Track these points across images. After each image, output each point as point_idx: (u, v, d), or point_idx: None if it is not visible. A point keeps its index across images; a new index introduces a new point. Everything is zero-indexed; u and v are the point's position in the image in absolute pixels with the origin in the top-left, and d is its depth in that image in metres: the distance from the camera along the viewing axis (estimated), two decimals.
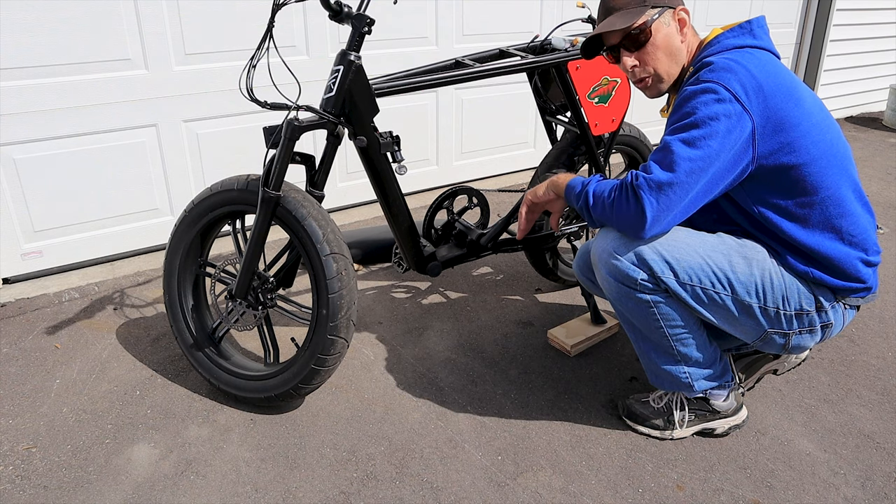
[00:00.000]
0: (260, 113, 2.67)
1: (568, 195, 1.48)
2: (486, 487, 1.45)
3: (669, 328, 1.46)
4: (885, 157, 4.14)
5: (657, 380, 1.56)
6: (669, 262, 1.38)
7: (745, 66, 1.30)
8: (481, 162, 3.47)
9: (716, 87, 1.28)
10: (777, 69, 1.33)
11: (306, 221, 1.52)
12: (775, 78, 1.31)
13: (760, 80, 1.29)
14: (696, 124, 1.28)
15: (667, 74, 1.44)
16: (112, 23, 2.25)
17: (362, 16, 1.53)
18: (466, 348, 1.98)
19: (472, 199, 2.10)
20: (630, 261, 1.39)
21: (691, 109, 1.30)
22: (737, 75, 1.29)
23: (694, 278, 1.38)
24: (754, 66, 1.31)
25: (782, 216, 1.38)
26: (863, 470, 1.50)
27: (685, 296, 1.40)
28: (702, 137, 1.28)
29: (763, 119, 1.29)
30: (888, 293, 2.34)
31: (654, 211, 1.31)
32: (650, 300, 1.42)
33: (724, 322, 1.45)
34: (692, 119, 1.29)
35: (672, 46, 1.42)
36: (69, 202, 2.36)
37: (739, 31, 1.40)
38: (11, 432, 1.60)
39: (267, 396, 1.64)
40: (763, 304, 1.41)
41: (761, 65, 1.32)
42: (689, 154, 1.28)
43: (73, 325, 2.07)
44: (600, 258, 1.44)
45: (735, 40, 1.38)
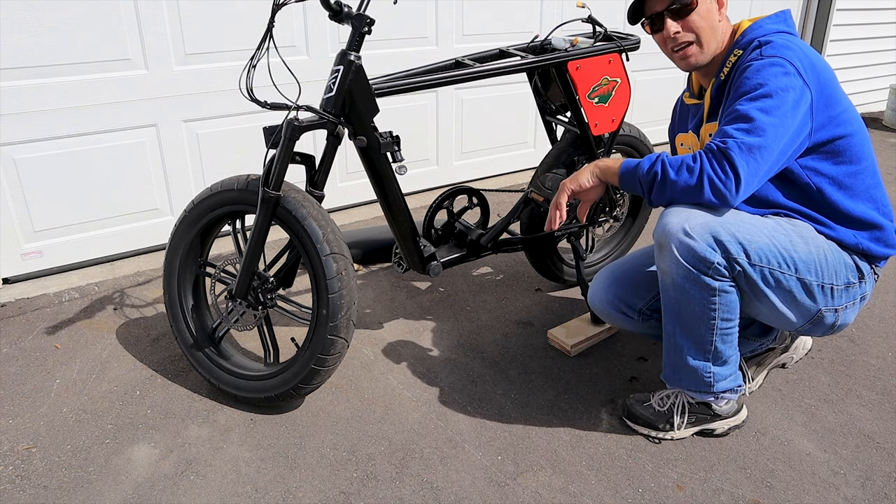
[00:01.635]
0: (260, 113, 2.67)
1: (629, 175, 1.46)
2: (486, 487, 1.45)
3: (722, 320, 1.44)
4: (886, 157, 4.14)
5: (676, 376, 1.55)
6: (742, 244, 1.37)
7: (800, 47, 1.41)
8: (481, 162, 3.47)
9: (782, 62, 1.37)
10: (817, 54, 1.44)
11: (306, 221, 1.52)
12: (819, 60, 1.42)
13: (813, 59, 1.40)
14: (769, 94, 1.34)
15: (707, 44, 1.51)
16: (112, 23, 2.25)
17: (362, 16, 1.53)
18: (466, 348, 1.98)
19: (472, 199, 2.10)
20: (707, 242, 1.36)
21: (763, 80, 1.36)
22: (795, 53, 1.38)
23: (763, 259, 1.39)
24: (805, 47, 1.42)
25: (834, 186, 1.47)
26: (863, 470, 1.50)
27: (756, 278, 1.39)
28: (776, 107, 1.34)
29: (818, 94, 1.39)
30: (888, 293, 2.34)
31: (747, 173, 1.33)
32: (717, 287, 1.40)
33: (785, 304, 1.45)
34: (765, 90, 1.35)
35: (713, 21, 1.51)
36: (69, 202, 2.36)
37: (776, 19, 1.50)
38: (11, 432, 1.60)
39: (267, 396, 1.64)
40: (821, 281, 1.45)
41: (808, 48, 1.43)
42: (769, 121, 1.33)
43: (73, 325, 2.07)
44: (672, 237, 1.38)
45: (775, 26, 1.49)
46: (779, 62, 1.37)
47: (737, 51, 1.50)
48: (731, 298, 1.42)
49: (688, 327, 1.47)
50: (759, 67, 1.38)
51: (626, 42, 2.02)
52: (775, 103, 1.34)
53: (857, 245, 1.49)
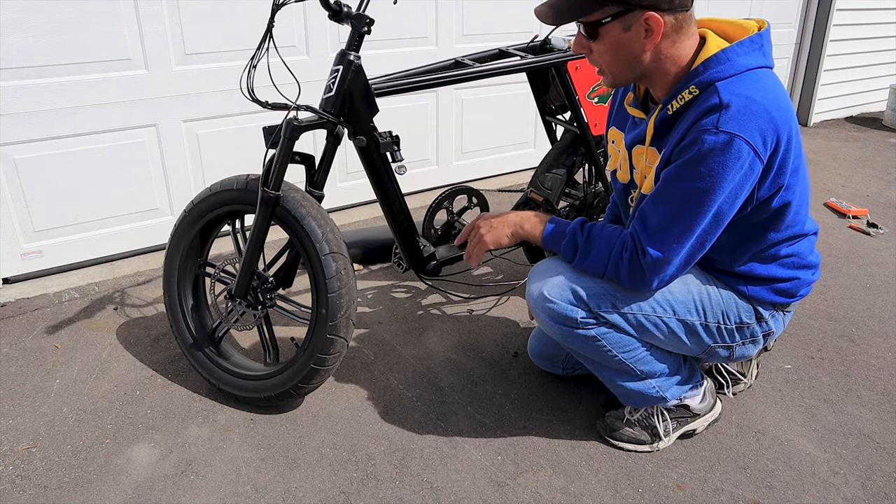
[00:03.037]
0: (260, 113, 2.67)
1: (548, 245, 1.42)
2: (486, 487, 1.45)
3: (624, 353, 1.43)
4: (885, 157, 4.14)
5: (629, 400, 1.55)
6: (605, 296, 1.37)
7: (765, 107, 1.18)
8: (481, 162, 3.46)
9: (739, 145, 1.17)
10: (787, 99, 1.24)
11: (305, 221, 1.52)
12: (787, 114, 1.22)
13: (778, 122, 1.19)
14: (707, 190, 1.20)
15: (613, 75, 1.29)
16: (112, 23, 2.24)
17: (362, 16, 1.53)
18: (466, 348, 1.98)
19: (471, 199, 2.10)
20: (567, 301, 1.37)
21: (707, 170, 1.19)
22: (757, 122, 1.17)
23: (633, 306, 1.37)
24: (771, 102, 1.19)
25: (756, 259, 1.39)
26: (863, 470, 1.50)
27: (626, 326, 1.39)
28: (715, 199, 1.21)
29: (771, 164, 1.23)
30: (888, 293, 2.34)
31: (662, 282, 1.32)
32: (595, 334, 1.39)
33: (670, 343, 1.44)
34: (705, 184, 1.20)
35: (625, 54, 1.24)
36: (69, 202, 2.36)
37: (750, 45, 1.23)
38: (11, 432, 1.60)
39: (267, 396, 1.64)
40: (704, 321, 1.41)
41: (776, 98, 1.20)
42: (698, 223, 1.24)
43: (73, 325, 2.07)
44: (536, 304, 1.40)
45: (746, 59, 1.23)
46: (736, 145, 1.16)
47: (693, 88, 1.24)
48: (615, 337, 1.40)
49: (602, 364, 1.48)
50: (707, 151, 1.18)
51: None
52: (716, 196, 1.20)
53: (744, 292, 1.42)
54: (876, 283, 2.41)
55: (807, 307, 2.23)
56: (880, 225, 2.96)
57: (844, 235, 2.87)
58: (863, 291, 2.35)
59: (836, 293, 2.33)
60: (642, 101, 1.42)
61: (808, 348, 1.98)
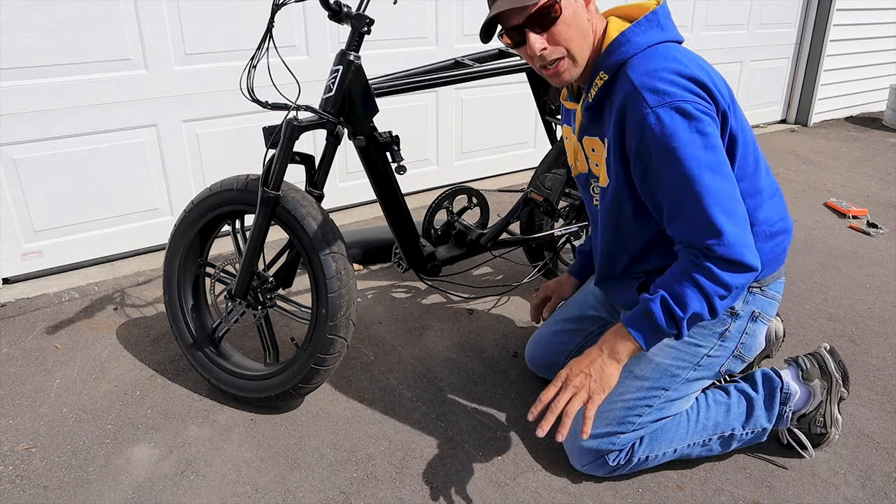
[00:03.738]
0: (260, 113, 2.67)
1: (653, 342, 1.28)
2: (486, 487, 1.45)
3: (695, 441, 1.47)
4: (885, 157, 4.14)
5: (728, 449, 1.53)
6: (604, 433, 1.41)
7: (673, 68, 1.19)
8: (481, 162, 3.46)
9: (680, 108, 1.16)
10: (690, 56, 1.24)
11: (305, 221, 1.52)
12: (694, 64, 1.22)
13: (690, 72, 1.19)
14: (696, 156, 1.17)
15: (580, 56, 1.26)
16: (112, 23, 2.25)
17: (362, 16, 1.53)
18: (466, 348, 1.98)
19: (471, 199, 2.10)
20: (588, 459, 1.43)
21: (679, 145, 1.16)
22: (674, 82, 1.17)
23: (631, 416, 1.40)
24: (674, 62, 1.20)
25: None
26: (863, 470, 1.50)
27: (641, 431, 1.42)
28: (707, 159, 1.18)
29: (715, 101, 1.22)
30: (888, 293, 2.34)
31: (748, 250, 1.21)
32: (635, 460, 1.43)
33: (684, 393, 1.45)
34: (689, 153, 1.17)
35: (582, 25, 1.25)
36: (69, 202, 2.36)
37: (647, 24, 1.25)
38: (11, 432, 1.60)
39: (267, 396, 1.64)
40: (695, 364, 1.42)
41: (679, 58, 1.21)
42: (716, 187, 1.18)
43: (73, 325, 2.07)
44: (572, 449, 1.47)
45: (644, 37, 1.24)
46: (677, 112, 1.16)
47: (602, 74, 1.26)
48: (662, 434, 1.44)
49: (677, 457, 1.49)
50: (662, 134, 1.16)
51: None
52: (704, 161, 1.17)
53: None
54: (876, 283, 2.41)
55: (807, 307, 2.23)
56: (880, 225, 2.96)
57: (844, 235, 2.87)
58: (863, 291, 2.35)
59: (836, 293, 2.33)
60: (576, 94, 1.45)
61: (807, 348, 1.98)
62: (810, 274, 2.48)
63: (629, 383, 1.41)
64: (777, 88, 4.88)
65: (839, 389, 1.54)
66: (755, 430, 1.49)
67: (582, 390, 1.26)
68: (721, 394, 1.51)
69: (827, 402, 1.52)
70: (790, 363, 1.58)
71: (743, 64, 4.52)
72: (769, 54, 4.65)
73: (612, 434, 1.40)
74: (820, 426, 1.52)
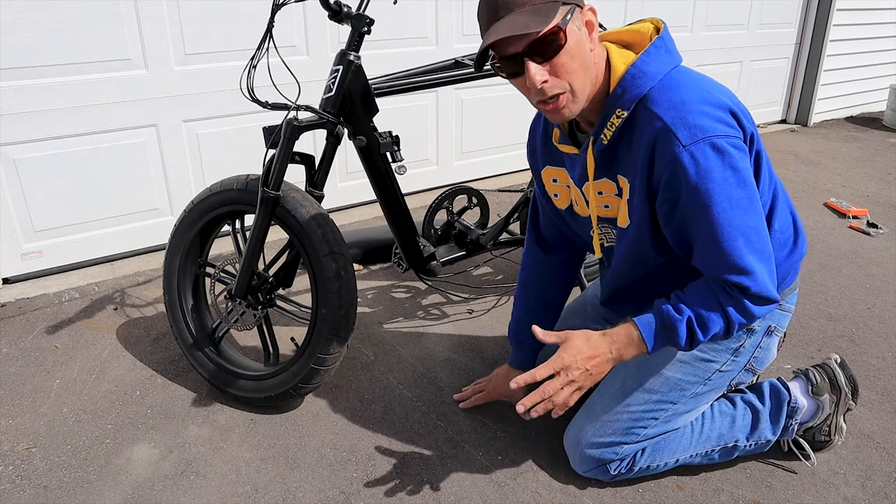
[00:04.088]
0: (260, 113, 2.67)
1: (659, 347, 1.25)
2: (486, 487, 1.45)
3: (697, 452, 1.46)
4: (886, 157, 4.14)
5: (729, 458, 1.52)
6: (607, 442, 1.40)
7: (701, 98, 1.13)
8: (481, 162, 3.46)
9: (714, 143, 1.10)
10: (705, 80, 1.19)
11: (305, 221, 1.52)
12: (714, 90, 1.17)
13: (717, 100, 1.14)
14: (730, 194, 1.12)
15: (582, 91, 1.15)
16: (112, 23, 2.25)
17: (362, 16, 1.54)
18: (466, 348, 1.98)
19: (471, 199, 2.10)
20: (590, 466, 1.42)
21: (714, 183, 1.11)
22: (704, 113, 1.11)
23: (637, 428, 1.39)
24: (699, 90, 1.14)
25: None
26: (863, 470, 1.50)
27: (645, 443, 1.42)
28: (750, 198, 1.14)
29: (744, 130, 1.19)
30: (888, 293, 2.34)
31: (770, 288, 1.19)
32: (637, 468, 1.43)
33: (693, 405, 1.43)
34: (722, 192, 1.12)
35: (585, 56, 1.14)
36: (69, 202, 2.36)
37: (656, 52, 1.17)
38: (11, 432, 1.60)
39: (267, 396, 1.64)
40: (703, 379, 1.40)
41: (698, 85, 1.15)
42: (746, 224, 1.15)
43: (73, 325, 2.07)
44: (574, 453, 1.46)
45: (657, 66, 1.16)
46: (710, 149, 1.10)
47: (619, 112, 1.17)
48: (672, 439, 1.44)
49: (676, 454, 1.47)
50: (697, 171, 1.11)
51: None
52: (745, 194, 1.14)
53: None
54: (876, 283, 2.41)
55: (807, 307, 2.23)
56: (880, 225, 2.96)
57: (844, 235, 2.87)
58: (863, 291, 2.35)
59: (836, 293, 2.33)
60: (570, 135, 1.33)
61: (808, 348, 1.98)
62: (810, 274, 2.48)
63: (637, 395, 1.39)
64: (777, 88, 4.88)
65: (847, 402, 1.53)
66: (759, 442, 1.48)
67: (576, 384, 1.23)
68: (727, 404, 1.49)
69: (834, 415, 1.51)
70: (799, 375, 1.56)
71: (743, 64, 4.52)
72: (769, 54, 4.65)
73: (615, 444, 1.39)
74: (825, 435, 1.51)
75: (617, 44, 1.24)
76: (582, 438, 1.42)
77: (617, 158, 1.24)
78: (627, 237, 1.30)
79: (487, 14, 1.11)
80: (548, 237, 1.59)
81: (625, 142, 1.21)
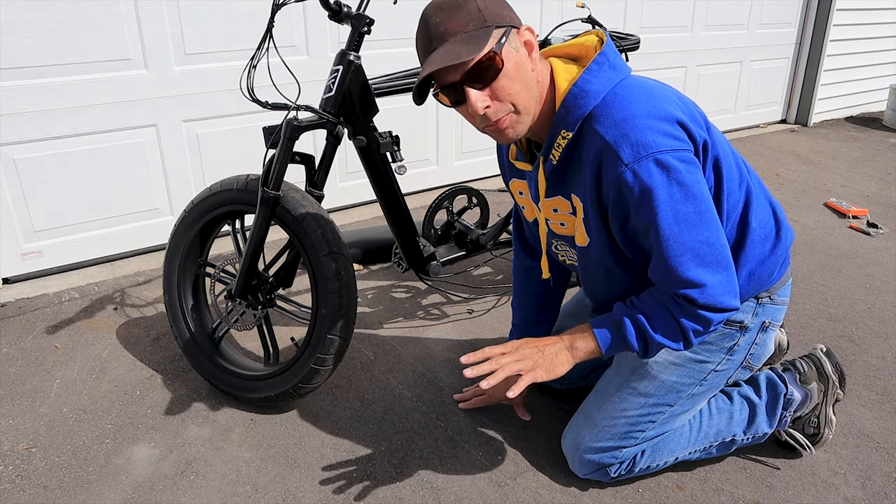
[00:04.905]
0: (260, 113, 2.67)
1: (614, 350, 1.25)
2: (486, 487, 1.45)
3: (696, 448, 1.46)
4: (886, 157, 4.14)
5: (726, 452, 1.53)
6: (606, 447, 1.40)
7: (645, 111, 1.11)
8: (481, 162, 3.47)
9: (659, 159, 1.08)
10: (653, 86, 1.17)
11: (305, 221, 1.52)
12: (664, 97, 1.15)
13: (664, 109, 1.12)
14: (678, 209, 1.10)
15: (526, 110, 1.15)
16: (112, 23, 2.25)
17: (362, 16, 1.54)
18: (466, 348, 1.98)
19: (471, 199, 2.10)
20: (590, 470, 1.42)
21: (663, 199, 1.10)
22: (651, 127, 1.09)
23: (635, 432, 1.39)
24: (645, 102, 1.12)
25: None
26: (863, 470, 1.50)
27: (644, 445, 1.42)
28: (700, 211, 1.13)
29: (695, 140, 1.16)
30: (888, 293, 2.34)
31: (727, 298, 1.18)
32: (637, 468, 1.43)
33: (691, 405, 1.44)
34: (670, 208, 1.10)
35: (526, 76, 1.13)
36: (69, 202, 2.36)
37: (598, 69, 1.15)
38: (11, 432, 1.60)
39: (267, 396, 1.64)
40: (698, 380, 1.40)
41: (646, 95, 1.13)
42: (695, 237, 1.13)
43: (73, 325, 2.07)
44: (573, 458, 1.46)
45: (599, 84, 1.14)
46: (656, 165, 1.08)
47: (564, 133, 1.16)
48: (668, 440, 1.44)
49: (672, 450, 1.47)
50: (642, 189, 1.09)
51: (625, 42, 2.02)
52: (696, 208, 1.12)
53: None
54: (876, 283, 2.41)
55: (807, 307, 2.23)
56: (880, 225, 2.96)
57: (844, 235, 2.87)
58: (863, 291, 2.35)
59: (836, 293, 2.33)
60: (526, 152, 1.33)
61: (808, 348, 1.98)
62: (810, 274, 2.48)
63: (633, 399, 1.39)
64: (777, 88, 4.88)
65: (835, 391, 1.54)
66: (756, 435, 1.49)
67: (528, 360, 1.21)
68: (724, 400, 1.50)
69: (823, 404, 1.52)
70: (787, 367, 1.58)
71: (743, 64, 4.52)
72: (769, 54, 4.65)
73: (614, 448, 1.39)
74: (814, 426, 1.52)
75: (563, 57, 1.23)
76: (580, 444, 1.42)
77: (568, 177, 1.23)
78: (590, 256, 1.30)
79: (422, 45, 1.12)
80: (533, 243, 1.61)
81: (574, 161, 1.20)
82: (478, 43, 1.06)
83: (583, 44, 1.20)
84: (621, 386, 1.41)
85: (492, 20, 1.09)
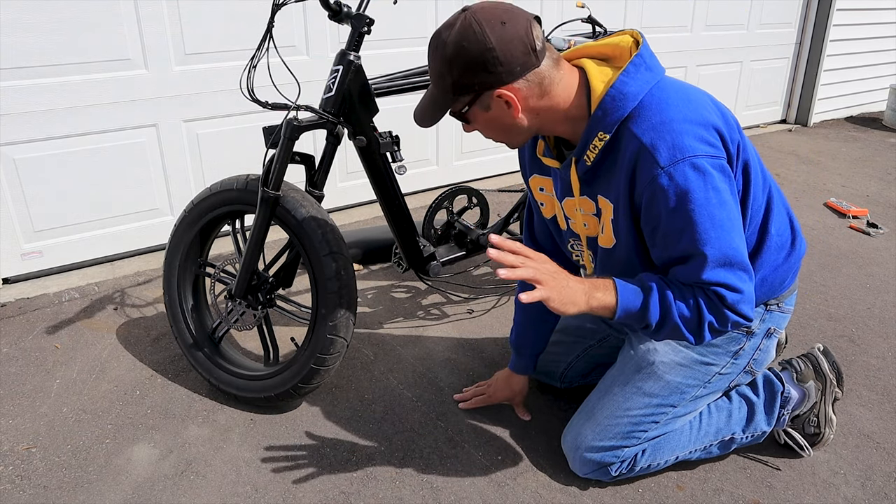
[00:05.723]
0: (260, 113, 2.67)
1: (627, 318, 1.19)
2: (486, 487, 1.45)
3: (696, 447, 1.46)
4: (886, 157, 4.14)
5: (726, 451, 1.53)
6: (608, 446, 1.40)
7: (683, 115, 1.11)
8: (481, 162, 3.46)
9: (694, 163, 1.09)
10: (690, 91, 1.17)
11: (305, 221, 1.52)
12: (701, 103, 1.16)
13: (701, 116, 1.13)
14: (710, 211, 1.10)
15: (512, 140, 1.23)
16: (112, 23, 2.24)
17: (362, 16, 1.54)
18: (466, 348, 1.98)
19: (471, 199, 2.10)
20: (590, 469, 1.43)
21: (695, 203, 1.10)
22: (688, 132, 1.10)
23: (637, 432, 1.39)
24: (682, 106, 1.12)
25: None
26: (863, 470, 1.50)
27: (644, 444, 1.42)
28: (731, 219, 1.13)
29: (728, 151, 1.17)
30: (888, 293, 2.34)
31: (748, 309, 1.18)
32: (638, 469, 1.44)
33: (703, 400, 1.44)
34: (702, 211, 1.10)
35: (500, 126, 1.19)
36: (69, 202, 2.36)
37: (635, 71, 1.15)
38: (11, 432, 1.60)
39: (267, 396, 1.64)
40: (703, 382, 1.41)
41: (683, 100, 1.14)
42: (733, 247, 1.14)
43: (73, 325, 2.07)
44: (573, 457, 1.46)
45: (637, 86, 1.14)
46: (691, 170, 1.08)
47: (601, 135, 1.16)
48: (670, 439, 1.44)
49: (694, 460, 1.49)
50: (676, 192, 1.09)
51: None
52: (723, 228, 1.12)
53: None
54: (876, 283, 2.41)
55: (807, 307, 2.23)
56: (880, 225, 2.96)
57: (844, 235, 2.87)
58: (863, 291, 2.35)
59: (836, 293, 2.33)
60: (555, 150, 1.33)
61: (807, 348, 1.98)
62: (810, 274, 2.48)
63: (637, 399, 1.39)
64: (777, 88, 4.88)
65: (833, 390, 1.55)
66: (755, 434, 1.49)
67: (550, 277, 1.12)
68: (723, 399, 1.50)
69: (821, 403, 1.53)
70: (784, 366, 1.58)
71: (743, 64, 4.52)
72: (769, 54, 4.65)
73: (616, 447, 1.40)
74: (814, 426, 1.52)
75: (596, 57, 1.22)
76: (581, 442, 1.42)
77: (599, 179, 1.23)
78: (614, 257, 1.30)
79: None
80: (542, 242, 1.60)
81: (608, 163, 1.20)
82: (443, 104, 1.18)
83: (617, 44, 1.19)
84: (626, 384, 1.41)
85: (459, 91, 1.14)
